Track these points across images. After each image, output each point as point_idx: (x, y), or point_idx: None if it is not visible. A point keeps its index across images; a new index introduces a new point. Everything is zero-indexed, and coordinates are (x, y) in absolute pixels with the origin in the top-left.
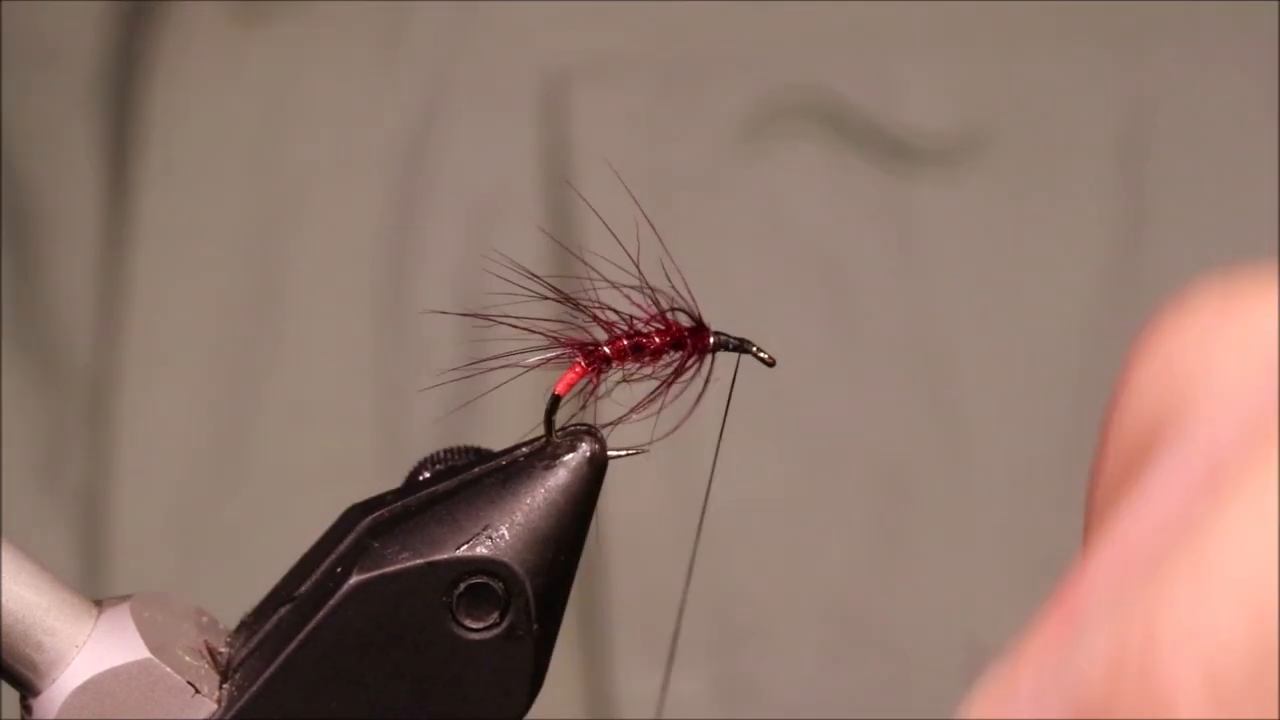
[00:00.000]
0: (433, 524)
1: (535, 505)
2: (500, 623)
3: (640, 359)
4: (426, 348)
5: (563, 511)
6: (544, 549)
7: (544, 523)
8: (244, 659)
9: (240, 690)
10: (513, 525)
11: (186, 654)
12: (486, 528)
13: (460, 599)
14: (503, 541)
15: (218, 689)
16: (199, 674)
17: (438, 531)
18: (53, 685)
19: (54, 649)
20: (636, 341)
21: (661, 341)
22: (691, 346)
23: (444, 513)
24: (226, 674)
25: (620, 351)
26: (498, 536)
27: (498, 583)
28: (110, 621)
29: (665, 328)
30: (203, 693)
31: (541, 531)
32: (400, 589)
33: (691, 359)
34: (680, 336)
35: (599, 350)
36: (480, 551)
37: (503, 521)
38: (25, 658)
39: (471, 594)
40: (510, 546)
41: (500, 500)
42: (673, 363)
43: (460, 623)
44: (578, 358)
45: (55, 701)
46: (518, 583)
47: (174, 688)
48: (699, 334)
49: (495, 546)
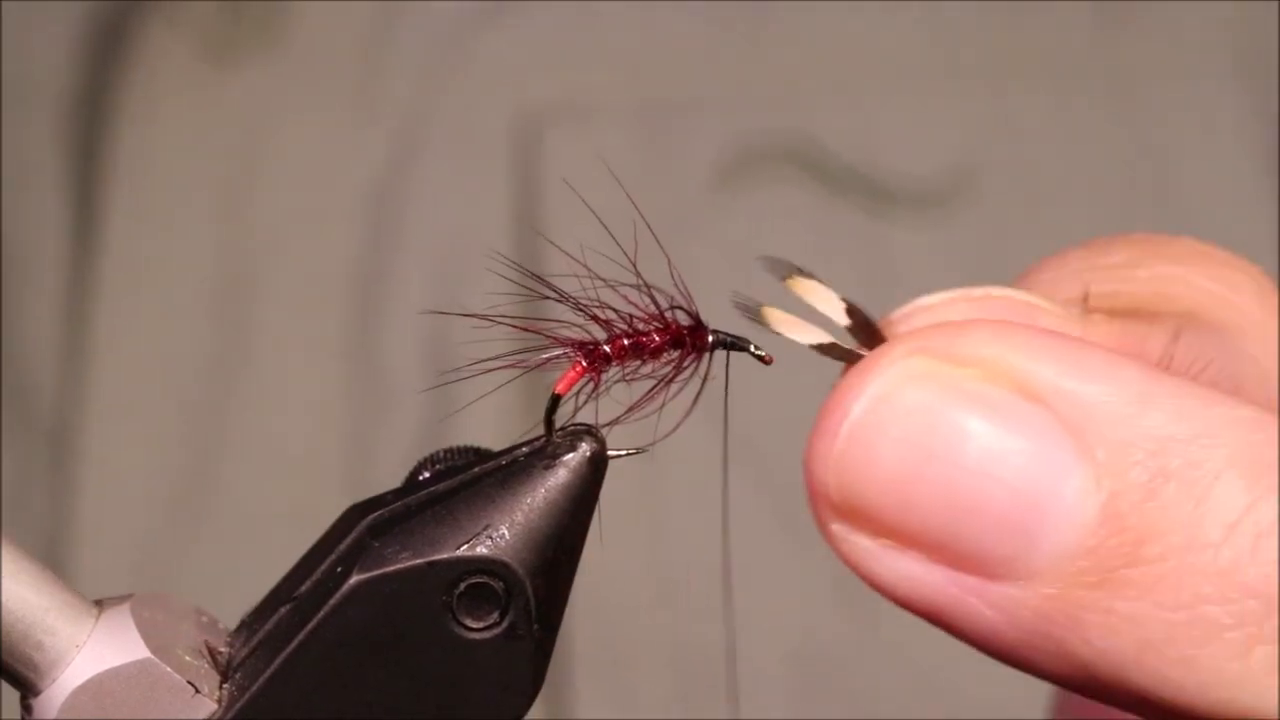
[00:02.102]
0: (433, 524)
1: (535, 505)
2: (500, 622)
3: (640, 357)
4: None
5: (563, 511)
6: (544, 548)
7: (544, 522)
8: (244, 659)
9: (240, 690)
10: (513, 525)
11: (187, 654)
12: (487, 527)
13: (460, 599)
14: (503, 541)
15: (218, 689)
16: (199, 674)
17: (438, 531)
18: (53, 685)
19: (54, 649)
20: (636, 340)
21: (661, 340)
22: (690, 344)
23: (444, 512)
24: (227, 674)
25: (620, 350)
26: (498, 536)
27: (498, 582)
28: (110, 621)
29: (664, 326)
30: (203, 693)
31: (542, 531)
32: (400, 589)
33: (690, 357)
34: (679, 335)
35: (599, 349)
36: (480, 551)
37: (503, 521)
38: (25, 657)
39: (472, 594)
40: (510, 546)
41: (500, 500)
42: (671, 361)
43: (461, 622)
44: (578, 357)
45: (55, 701)
46: (518, 582)
47: (174, 688)
48: (698, 332)
49: (495, 546)
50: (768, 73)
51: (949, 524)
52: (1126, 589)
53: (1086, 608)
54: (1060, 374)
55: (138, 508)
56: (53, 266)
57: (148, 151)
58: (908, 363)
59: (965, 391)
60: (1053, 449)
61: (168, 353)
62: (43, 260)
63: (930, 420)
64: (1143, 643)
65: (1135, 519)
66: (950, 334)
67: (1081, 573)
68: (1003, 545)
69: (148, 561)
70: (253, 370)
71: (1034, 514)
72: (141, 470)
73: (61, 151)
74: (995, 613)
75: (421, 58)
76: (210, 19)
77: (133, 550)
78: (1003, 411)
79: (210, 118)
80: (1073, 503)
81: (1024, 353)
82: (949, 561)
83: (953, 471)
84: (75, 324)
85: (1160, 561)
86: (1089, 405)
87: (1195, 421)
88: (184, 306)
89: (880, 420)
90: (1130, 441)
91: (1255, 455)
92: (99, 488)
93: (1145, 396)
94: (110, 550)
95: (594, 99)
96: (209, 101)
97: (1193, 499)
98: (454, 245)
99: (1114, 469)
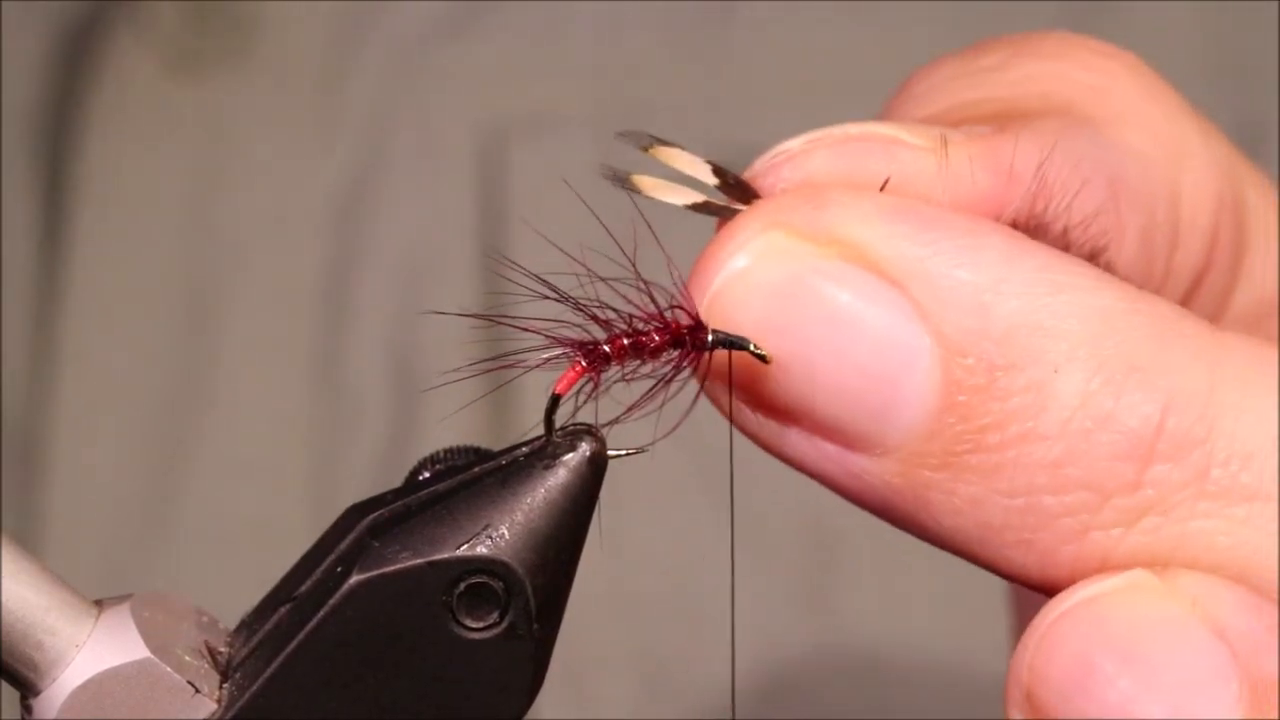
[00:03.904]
0: (433, 523)
1: (535, 505)
2: (500, 622)
3: (639, 356)
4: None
5: (563, 511)
6: (544, 548)
7: (544, 522)
8: (244, 659)
9: (240, 690)
10: (513, 525)
11: (186, 654)
12: (486, 527)
13: (460, 598)
14: (503, 541)
15: (218, 689)
16: (199, 674)
17: (438, 531)
18: (53, 685)
19: (54, 648)
20: (636, 339)
21: (661, 339)
22: (690, 343)
23: (444, 512)
24: (226, 674)
25: (620, 350)
26: (498, 536)
27: (498, 582)
28: (110, 621)
29: (663, 325)
30: (203, 692)
31: (542, 531)
32: (400, 588)
33: (689, 356)
34: (679, 333)
35: (598, 349)
36: (480, 551)
37: (503, 521)
38: (25, 657)
39: (472, 593)
40: (510, 546)
41: (500, 500)
42: (671, 360)
43: (460, 622)
44: (577, 356)
45: (55, 701)
46: (518, 582)
47: (174, 687)
48: (697, 331)
49: (495, 546)
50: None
51: (810, 398)
52: (968, 473)
53: (931, 487)
54: (917, 256)
55: (105, 518)
56: (20, 278)
57: (114, 163)
58: (766, 237)
59: (821, 271)
60: (905, 332)
61: (135, 364)
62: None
63: (786, 301)
64: (983, 525)
65: (978, 406)
66: (809, 206)
67: (927, 454)
68: (859, 421)
69: (114, 571)
70: (219, 381)
71: (886, 393)
72: (109, 481)
73: (28, 163)
74: (856, 482)
75: (387, 69)
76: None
77: (99, 560)
78: (858, 292)
79: (176, 130)
80: (921, 386)
81: (882, 231)
82: (818, 433)
83: (810, 350)
84: (42, 335)
85: (999, 450)
86: (943, 290)
87: (1042, 312)
88: (151, 318)
89: (739, 298)
90: (979, 330)
91: (1095, 348)
92: (66, 498)
93: (998, 282)
94: (77, 560)
95: (559, 111)
96: (174, 113)
97: (1031, 390)
98: (420, 256)
99: (960, 356)
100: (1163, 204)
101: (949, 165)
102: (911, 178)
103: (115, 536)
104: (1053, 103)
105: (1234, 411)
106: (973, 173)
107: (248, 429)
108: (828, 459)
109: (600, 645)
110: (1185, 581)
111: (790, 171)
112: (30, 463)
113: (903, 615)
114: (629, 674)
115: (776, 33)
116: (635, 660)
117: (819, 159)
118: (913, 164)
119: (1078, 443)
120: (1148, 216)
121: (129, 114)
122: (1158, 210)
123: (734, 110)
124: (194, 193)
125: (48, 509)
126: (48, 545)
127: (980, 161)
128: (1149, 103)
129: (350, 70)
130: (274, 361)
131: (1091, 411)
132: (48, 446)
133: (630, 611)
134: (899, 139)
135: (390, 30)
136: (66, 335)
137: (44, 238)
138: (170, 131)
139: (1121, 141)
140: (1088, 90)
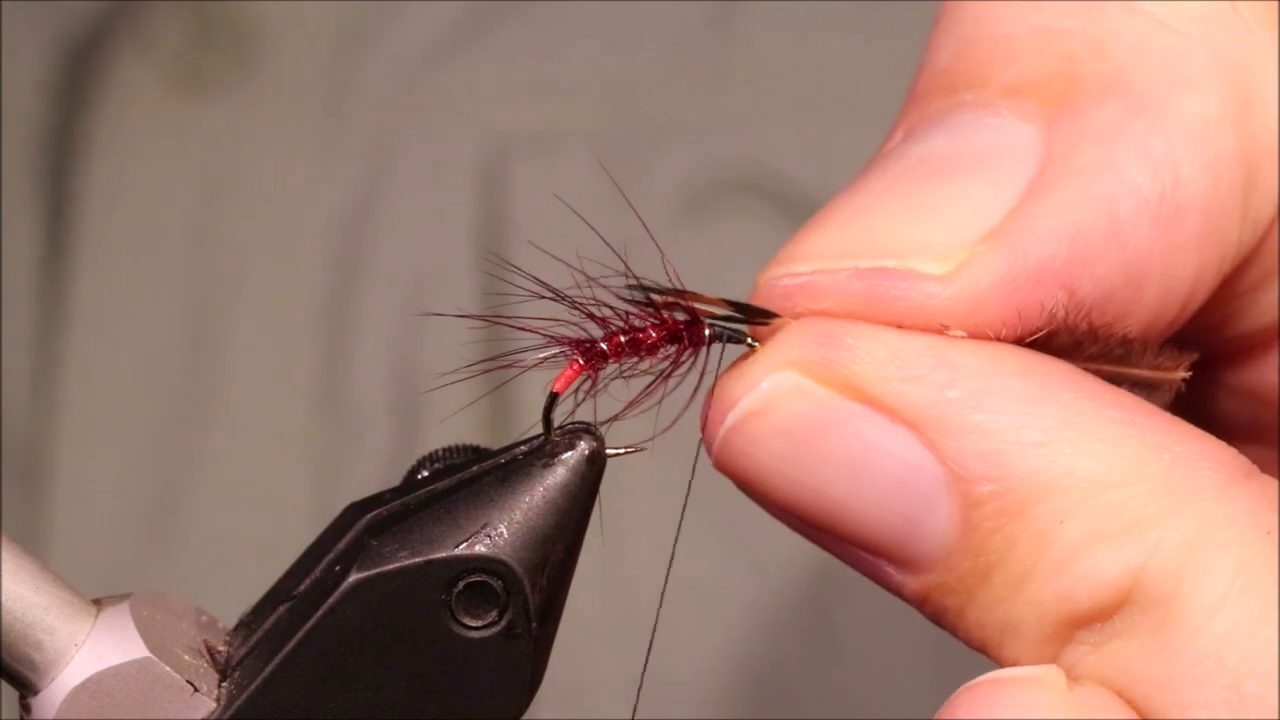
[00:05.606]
0: (431, 522)
1: (534, 504)
2: (499, 621)
3: (637, 353)
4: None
5: (562, 510)
6: (543, 547)
7: (543, 521)
8: (243, 658)
9: (239, 689)
10: (512, 524)
11: (185, 653)
12: (485, 526)
13: (459, 597)
14: (502, 540)
15: (216, 687)
16: (198, 673)
17: (437, 530)
18: (52, 684)
19: (53, 648)
20: (633, 336)
21: (657, 335)
22: (687, 339)
23: (443, 511)
24: (225, 672)
25: (617, 347)
26: (497, 535)
27: (497, 581)
28: (109, 620)
29: (661, 322)
30: (201, 691)
31: (541, 530)
32: (399, 587)
33: (687, 352)
34: (676, 330)
35: (596, 346)
36: (479, 550)
37: (502, 520)
38: (25, 656)
39: (470, 592)
40: (509, 545)
41: (499, 499)
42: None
43: (459, 621)
44: (575, 355)
45: (55, 700)
46: (517, 581)
47: (173, 686)
48: (694, 327)
49: (494, 545)
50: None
51: (834, 525)
52: (978, 602)
53: (947, 609)
54: (932, 401)
55: (107, 534)
56: (23, 294)
57: (117, 180)
58: (782, 376)
59: (837, 413)
60: (921, 478)
61: (138, 380)
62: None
63: (802, 443)
64: (983, 631)
65: (989, 549)
66: (824, 345)
67: (943, 585)
68: (885, 545)
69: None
70: (221, 399)
71: (907, 529)
72: (111, 497)
73: (31, 180)
74: (889, 580)
75: (389, 88)
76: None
77: (101, 577)
78: (874, 435)
79: (179, 149)
80: (941, 524)
81: (896, 372)
82: (848, 544)
83: (829, 489)
84: (45, 351)
85: (1001, 599)
86: (959, 436)
87: (1054, 468)
88: (153, 336)
89: (753, 435)
90: (995, 478)
91: (1101, 501)
92: (68, 515)
93: (1016, 429)
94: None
95: (560, 129)
96: (177, 132)
97: (1037, 539)
98: (421, 274)
99: (976, 505)
100: (1227, 166)
101: (967, 289)
102: (927, 305)
103: (118, 553)
104: (1111, 77)
105: (1199, 573)
106: (991, 295)
107: (250, 446)
108: (858, 560)
109: (599, 666)
110: (1089, 693)
111: (806, 300)
112: (33, 479)
113: (903, 638)
114: (627, 694)
115: (777, 51)
116: (634, 681)
117: (833, 290)
118: (927, 292)
119: (1067, 585)
120: (1211, 185)
121: (132, 131)
122: (1221, 180)
123: (734, 128)
124: (197, 209)
125: (50, 525)
126: (50, 561)
127: (996, 285)
128: (1211, 72)
129: (353, 89)
130: (276, 378)
131: (1082, 563)
132: (50, 463)
133: (629, 631)
134: (912, 271)
135: (393, 49)
136: (69, 352)
137: (47, 254)
138: (173, 149)
139: (1177, 111)
140: (1150, 57)
